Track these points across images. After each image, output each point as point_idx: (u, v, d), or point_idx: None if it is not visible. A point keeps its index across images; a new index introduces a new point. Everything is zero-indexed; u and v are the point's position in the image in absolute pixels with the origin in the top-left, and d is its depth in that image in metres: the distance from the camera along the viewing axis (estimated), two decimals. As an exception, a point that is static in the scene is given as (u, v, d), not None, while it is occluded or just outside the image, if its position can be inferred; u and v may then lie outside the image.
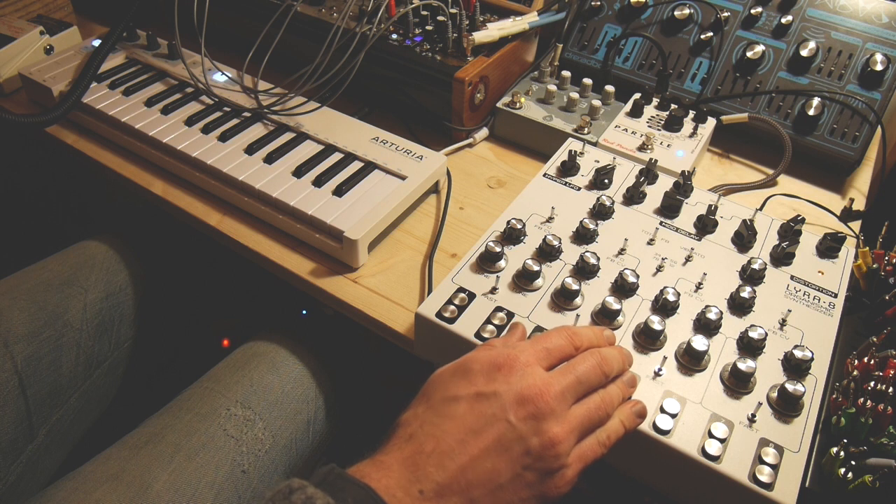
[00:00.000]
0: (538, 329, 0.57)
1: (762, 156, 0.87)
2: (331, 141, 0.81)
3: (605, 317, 0.58)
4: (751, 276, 0.63)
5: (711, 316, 0.58)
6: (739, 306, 0.60)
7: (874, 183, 0.87)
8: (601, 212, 0.69)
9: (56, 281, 0.77)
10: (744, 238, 0.66)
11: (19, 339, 0.70)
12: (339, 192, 0.73)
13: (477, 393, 0.45)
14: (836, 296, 0.63)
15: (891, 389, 0.52)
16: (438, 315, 0.58)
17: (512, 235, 0.65)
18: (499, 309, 0.59)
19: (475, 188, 0.82)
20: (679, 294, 0.60)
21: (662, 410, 0.52)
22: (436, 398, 0.46)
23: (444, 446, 0.42)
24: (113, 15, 0.95)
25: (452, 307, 0.59)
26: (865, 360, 0.56)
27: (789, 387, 0.52)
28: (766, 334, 0.57)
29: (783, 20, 0.87)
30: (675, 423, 0.51)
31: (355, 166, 0.77)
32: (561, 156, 0.76)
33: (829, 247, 0.66)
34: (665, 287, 0.60)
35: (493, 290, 0.60)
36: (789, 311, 0.60)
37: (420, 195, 0.77)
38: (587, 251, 0.62)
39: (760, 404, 0.52)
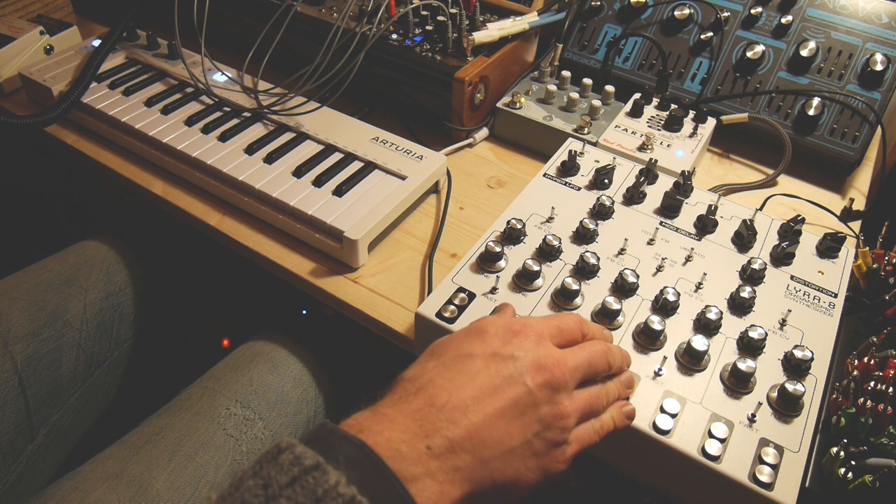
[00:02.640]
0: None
1: (762, 156, 0.87)
2: (331, 141, 0.81)
3: (605, 317, 0.58)
4: (751, 276, 0.63)
5: (711, 316, 0.58)
6: (739, 306, 0.60)
7: (874, 183, 0.87)
8: (601, 212, 0.69)
9: (56, 281, 0.77)
10: (744, 238, 0.66)
11: (19, 339, 0.70)
12: (339, 192, 0.73)
13: (493, 353, 0.44)
14: (836, 296, 0.63)
15: (891, 389, 0.52)
16: (438, 315, 0.58)
17: (512, 235, 0.65)
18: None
19: (475, 188, 0.82)
20: (679, 294, 0.60)
21: (662, 410, 0.52)
22: (448, 355, 0.44)
23: (458, 401, 0.41)
24: (113, 15, 0.95)
25: (452, 307, 0.59)
26: (865, 360, 0.56)
27: (789, 387, 0.52)
28: (766, 334, 0.57)
29: (783, 20, 0.87)
30: (675, 423, 0.51)
31: (355, 166, 0.77)
32: (561, 156, 0.76)
33: (829, 247, 0.66)
34: (665, 287, 0.60)
35: (493, 290, 0.60)
36: (789, 311, 0.60)
37: (420, 195, 0.77)
38: (587, 251, 0.62)
39: (760, 404, 0.52)
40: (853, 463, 0.50)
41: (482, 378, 0.42)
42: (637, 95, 0.87)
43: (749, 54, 0.87)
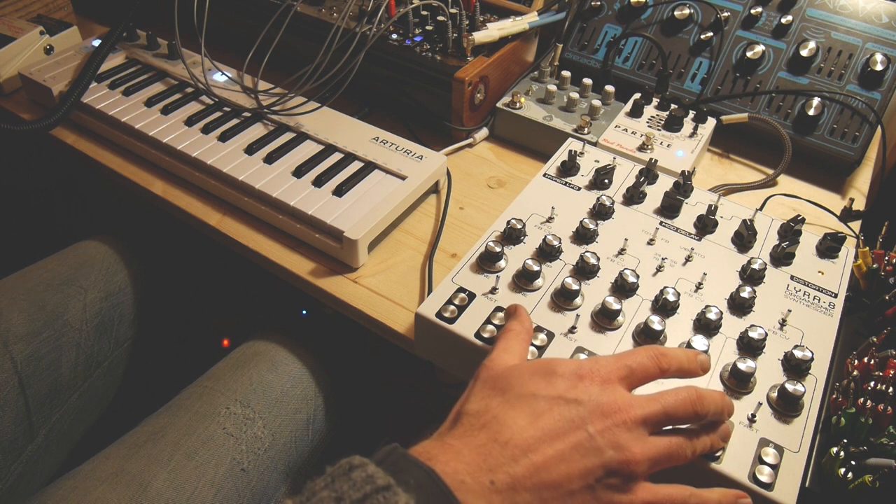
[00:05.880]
0: (538, 329, 0.57)
1: (762, 156, 0.87)
2: (331, 141, 0.81)
3: (605, 317, 0.58)
4: (751, 276, 0.63)
5: (711, 316, 0.58)
6: (739, 306, 0.60)
7: (874, 183, 0.87)
8: (601, 212, 0.69)
9: (55, 281, 0.77)
10: (744, 238, 0.66)
11: (19, 339, 0.70)
12: (339, 192, 0.73)
13: (558, 396, 0.44)
14: (836, 296, 0.63)
15: (891, 389, 0.52)
16: (438, 315, 0.58)
17: (512, 235, 0.65)
18: (499, 309, 0.59)
19: (475, 188, 0.82)
20: (679, 294, 0.59)
21: (662, 410, 0.52)
22: (512, 393, 0.44)
23: (520, 440, 0.41)
24: (113, 15, 0.95)
25: (452, 307, 0.59)
26: (865, 360, 0.56)
27: (789, 387, 0.52)
28: (766, 334, 0.57)
29: (783, 20, 0.87)
30: (674, 423, 0.51)
31: (355, 166, 0.77)
32: (561, 156, 0.76)
33: (829, 247, 0.66)
34: (665, 287, 0.60)
35: (493, 290, 0.60)
36: (789, 311, 0.60)
37: (420, 195, 0.77)
38: (587, 251, 0.62)
39: (760, 404, 0.52)
40: (853, 463, 0.50)
41: (545, 420, 0.42)
42: (637, 95, 0.87)
43: (749, 54, 0.87)
